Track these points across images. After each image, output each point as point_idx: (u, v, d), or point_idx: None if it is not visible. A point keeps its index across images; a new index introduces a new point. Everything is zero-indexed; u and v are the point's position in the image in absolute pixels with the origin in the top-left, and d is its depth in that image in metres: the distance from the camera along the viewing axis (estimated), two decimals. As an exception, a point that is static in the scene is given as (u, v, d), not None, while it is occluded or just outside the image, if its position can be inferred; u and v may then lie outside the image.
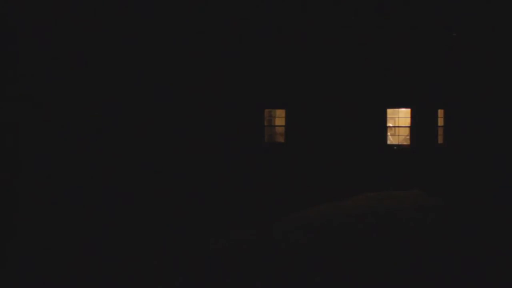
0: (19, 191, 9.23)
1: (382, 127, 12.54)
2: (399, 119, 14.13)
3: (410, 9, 12.08)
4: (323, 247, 6.03)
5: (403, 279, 4.86)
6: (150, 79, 12.20)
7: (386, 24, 12.19)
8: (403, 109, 13.36)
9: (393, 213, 8.14)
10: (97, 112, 11.65)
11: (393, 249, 5.95)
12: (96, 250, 5.99)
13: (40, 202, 8.86)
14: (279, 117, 13.57)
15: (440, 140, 12.59)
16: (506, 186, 10.57)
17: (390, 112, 12.90)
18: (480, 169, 11.73)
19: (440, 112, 12.49)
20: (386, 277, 4.92)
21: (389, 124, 13.25)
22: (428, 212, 8.23)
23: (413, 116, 12.48)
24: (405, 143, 13.17)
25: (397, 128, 13.86)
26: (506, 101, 11.93)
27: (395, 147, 12.94)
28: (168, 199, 9.57)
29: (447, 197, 9.84)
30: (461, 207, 8.80)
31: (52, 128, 11.09)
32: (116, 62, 11.89)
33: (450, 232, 6.86)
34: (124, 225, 7.36)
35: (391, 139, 13.67)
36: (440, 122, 12.51)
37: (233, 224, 7.43)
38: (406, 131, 13.08)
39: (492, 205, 8.94)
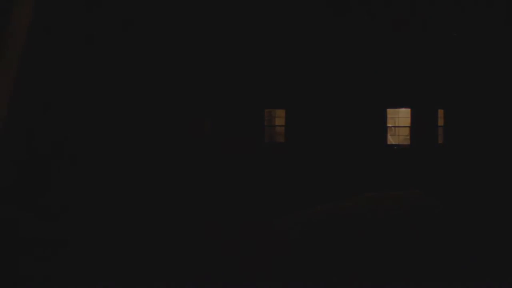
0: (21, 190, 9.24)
1: (382, 127, 12.55)
2: (399, 119, 14.14)
3: (410, 8, 12.08)
4: (322, 246, 6.04)
5: (399, 278, 4.87)
6: (148, 79, 12.21)
7: (386, 24, 12.19)
8: (403, 109, 13.36)
9: (392, 213, 8.14)
10: (100, 112, 11.66)
11: (391, 249, 5.96)
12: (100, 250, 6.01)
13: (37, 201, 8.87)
14: (279, 117, 13.58)
15: (440, 140, 12.59)
16: (506, 187, 10.56)
17: (390, 112, 12.90)
18: (480, 169, 11.73)
19: (440, 112, 12.49)
20: (384, 275, 4.92)
21: (389, 124, 13.25)
22: (428, 212, 8.23)
23: (413, 116, 12.48)
24: (405, 143, 13.17)
25: (397, 128, 13.86)
26: (506, 101, 11.92)
27: (395, 147, 12.94)
28: (169, 200, 9.58)
29: (447, 197, 9.84)
30: (461, 207, 8.80)
31: (52, 126, 11.10)
32: (113, 61, 11.90)
33: (448, 232, 6.86)
34: (123, 226, 7.38)
35: (391, 139, 13.67)
36: (440, 122, 12.51)
37: (233, 224, 7.44)
38: (406, 131, 13.07)
39: (492, 205, 8.93)
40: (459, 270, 5.13)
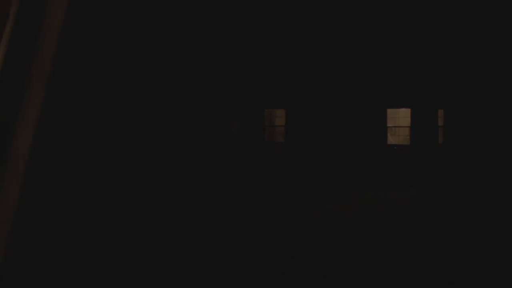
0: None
1: (382, 127, 12.55)
2: (399, 119, 14.14)
3: (411, 8, 12.08)
4: (322, 246, 6.05)
5: (400, 277, 4.87)
6: (147, 79, 12.22)
7: (386, 24, 12.20)
8: (403, 109, 13.37)
9: (392, 213, 8.15)
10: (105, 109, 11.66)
11: (391, 249, 5.97)
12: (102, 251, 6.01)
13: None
14: (279, 117, 13.60)
15: (440, 140, 12.59)
16: (506, 186, 10.56)
17: (390, 112, 12.91)
18: (480, 169, 11.73)
19: (440, 112, 12.50)
20: (384, 275, 4.93)
21: (389, 124, 13.25)
22: (427, 212, 8.24)
23: (413, 116, 12.48)
24: (405, 143, 13.17)
25: (397, 128, 13.86)
26: (506, 101, 11.92)
27: (395, 147, 12.94)
28: (167, 200, 9.59)
29: (446, 198, 9.84)
30: (461, 207, 8.80)
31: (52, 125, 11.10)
32: (113, 60, 11.90)
33: (448, 232, 6.87)
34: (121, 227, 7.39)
35: (391, 139, 13.67)
36: (440, 122, 12.52)
37: (233, 223, 7.45)
38: (406, 131, 13.08)
39: (492, 205, 8.94)
40: (459, 270, 5.13)
